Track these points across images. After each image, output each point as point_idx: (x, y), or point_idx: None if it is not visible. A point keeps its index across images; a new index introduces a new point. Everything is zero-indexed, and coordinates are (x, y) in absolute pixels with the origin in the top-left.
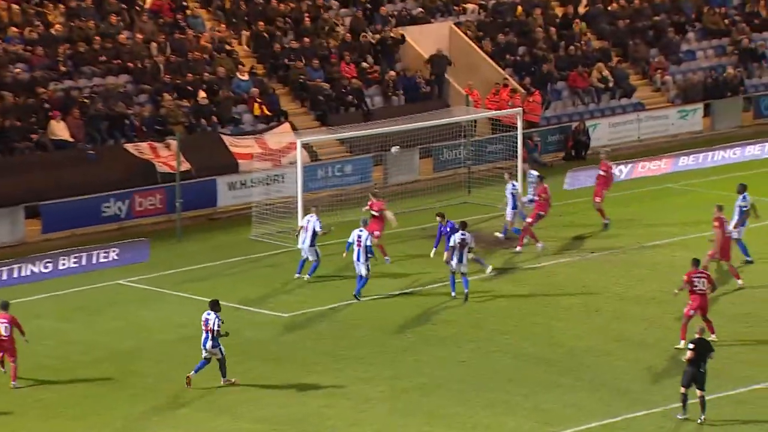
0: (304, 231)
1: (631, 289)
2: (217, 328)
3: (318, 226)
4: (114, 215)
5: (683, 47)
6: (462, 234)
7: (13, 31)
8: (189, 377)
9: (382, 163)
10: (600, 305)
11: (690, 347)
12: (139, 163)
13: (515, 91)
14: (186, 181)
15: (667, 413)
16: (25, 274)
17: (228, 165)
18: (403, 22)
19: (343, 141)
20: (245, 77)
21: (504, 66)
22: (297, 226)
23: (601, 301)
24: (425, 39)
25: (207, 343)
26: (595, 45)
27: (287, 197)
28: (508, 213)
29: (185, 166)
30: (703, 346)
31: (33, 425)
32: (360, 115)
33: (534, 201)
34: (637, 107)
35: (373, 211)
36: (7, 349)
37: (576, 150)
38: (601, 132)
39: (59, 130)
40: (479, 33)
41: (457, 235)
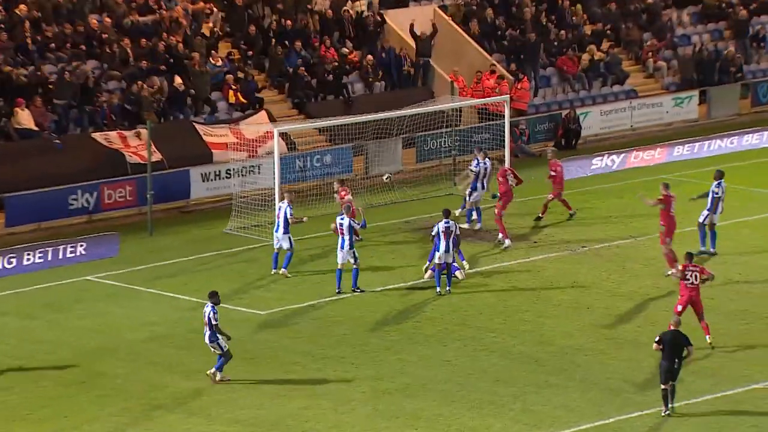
0: (276, 218)
1: (624, 285)
2: (213, 321)
3: (289, 212)
4: (81, 208)
5: (678, 31)
6: (446, 222)
7: None
8: (210, 374)
9: (363, 154)
10: (591, 302)
11: (656, 340)
12: (108, 153)
13: (502, 78)
14: (157, 172)
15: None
16: None
17: (201, 155)
18: (386, 4)
19: (323, 130)
20: (218, 62)
21: (491, 51)
22: (274, 218)
23: (593, 298)
24: (408, 23)
25: (206, 337)
26: (587, 29)
27: (264, 189)
28: (469, 193)
29: (156, 156)
30: (675, 339)
31: None
32: (340, 103)
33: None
34: (630, 94)
35: (341, 201)
36: None
37: (566, 139)
38: (592, 120)
39: (23, 118)
40: (465, 17)
41: (441, 223)
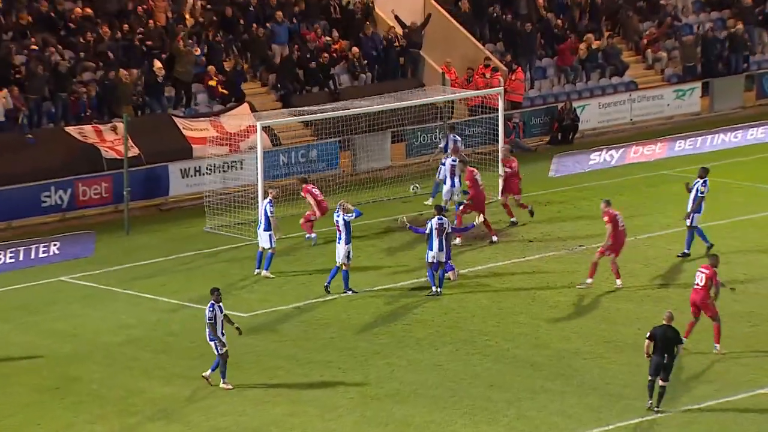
0: (259, 215)
1: (624, 286)
2: (207, 319)
3: (269, 209)
4: (55, 205)
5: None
6: (439, 218)
7: None
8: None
9: (350, 149)
10: (589, 303)
11: (647, 336)
12: (83, 148)
13: (496, 70)
14: (134, 168)
15: (662, 421)
16: None
17: (181, 150)
18: None
19: (308, 124)
20: (198, 52)
21: (484, 41)
22: (257, 216)
23: (591, 299)
24: (398, 12)
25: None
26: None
27: (246, 186)
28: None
29: (134, 151)
30: (666, 333)
31: None
32: (326, 96)
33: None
34: (630, 86)
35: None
36: None
37: (563, 133)
38: (590, 113)
39: None
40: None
41: (434, 220)
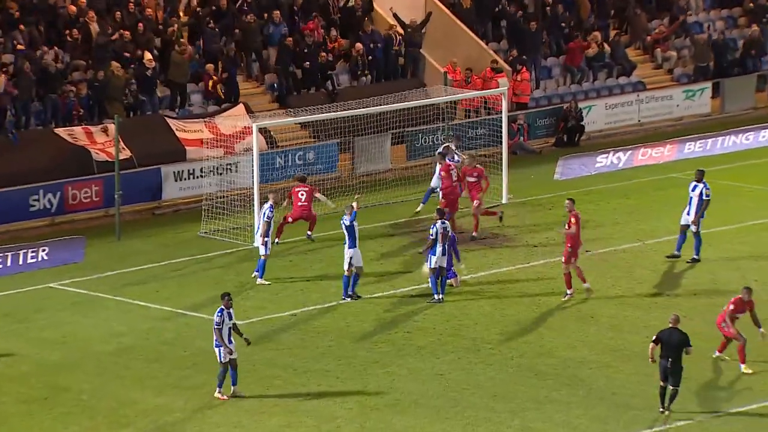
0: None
1: (631, 292)
2: (214, 324)
3: (269, 214)
4: (43, 209)
5: (689, 19)
6: (443, 223)
7: None
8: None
9: (349, 150)
10: (596, 310)
11: (653, 339)
12: (73, 150)
13: (499, 71)
14: (126, 171)
15: (672, 431)
16: None
17: (174, 152)
18: None
19: (305, 125)
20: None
21: (487, 39)
22: (253, 221)
23: (598, 306)
24: (398, 10)
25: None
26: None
27: (242, 189)
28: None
29: (125, 153)
30: (671, 336)
31: None
32: (324, 96)
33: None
34: (638, 86)
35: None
36: None
37: (568, 135)
38: (597, 114)
39: None
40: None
41: (439, 224)
